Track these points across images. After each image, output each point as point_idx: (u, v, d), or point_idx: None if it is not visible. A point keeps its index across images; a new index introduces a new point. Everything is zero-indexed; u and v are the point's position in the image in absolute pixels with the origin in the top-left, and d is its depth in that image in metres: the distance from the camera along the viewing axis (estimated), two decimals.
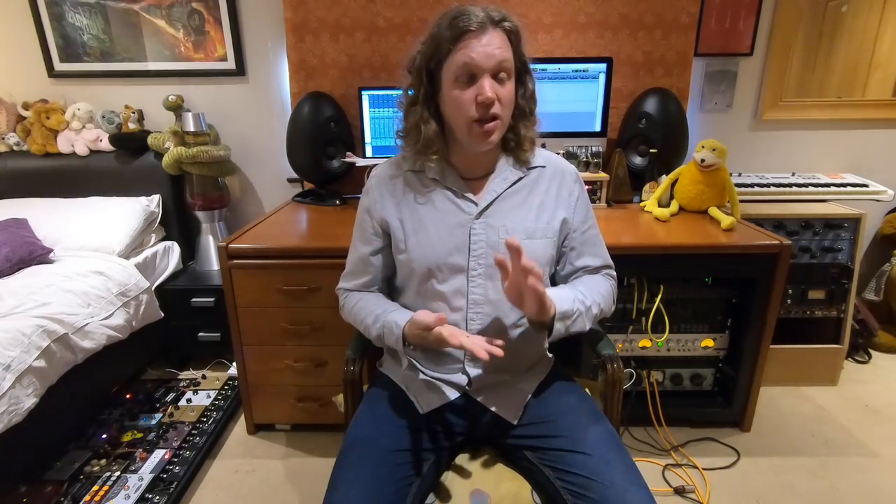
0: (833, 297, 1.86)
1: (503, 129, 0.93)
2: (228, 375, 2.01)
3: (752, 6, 1.96)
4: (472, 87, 0.87)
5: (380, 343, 1.01)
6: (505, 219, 0.97)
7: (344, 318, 1.10)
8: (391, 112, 1.88)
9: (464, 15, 0.86)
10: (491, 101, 0.86)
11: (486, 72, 0.86)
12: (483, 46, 0.85)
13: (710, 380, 1.72)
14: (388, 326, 0.95)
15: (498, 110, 0.88)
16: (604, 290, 1.02)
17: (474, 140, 0.91)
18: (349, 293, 1.09)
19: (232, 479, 1.54)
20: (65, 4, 2.03)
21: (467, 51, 0.86)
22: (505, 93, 0.89)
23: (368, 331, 1.01)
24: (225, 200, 2.12)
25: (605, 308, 1.01)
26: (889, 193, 1.91)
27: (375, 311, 1.00)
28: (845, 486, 1.48)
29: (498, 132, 0.91)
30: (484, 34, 0.86)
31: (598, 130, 1.88)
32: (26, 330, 1.38)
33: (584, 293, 0.96)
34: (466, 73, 0.87)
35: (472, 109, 0.87)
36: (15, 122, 2.11)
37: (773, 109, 2.09)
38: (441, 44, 0.88)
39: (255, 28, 2.05)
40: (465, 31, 0.85)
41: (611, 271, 1.08)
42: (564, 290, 0.95)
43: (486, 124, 0.88)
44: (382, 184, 1.02)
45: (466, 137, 0.91)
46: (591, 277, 1.04)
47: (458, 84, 0.88)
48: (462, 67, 0.86)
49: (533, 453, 0.92)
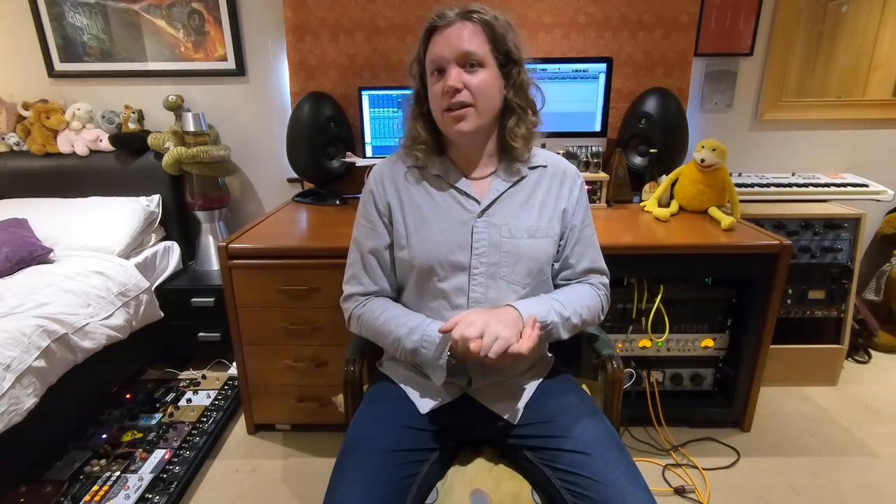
0: (833, 297, 1.86)
1: (479, 118, 0.92)
2: (228, 375, 2.01)
3: (752, 6, 1.96)
4: (443, 79, 0.91)
5: (411, 358, 0.96)
6: (507, 218, 0.97)
7: (353, 331, 1.04)
8: (391, 112, 1.88)
9: (438, 15, 0.91)
10: (452, 87, 0.88)
11: (451, 62, 0.89)
12: (446, 38, 0.89)
13: (710, 380, 1.72)
14: (430, 339, 0.92)
15: (467, 98, 0.90)
16: (588, 301, 1.00)
17: (448, 129, 0.93)
18: (367, 300, 1.02)
19: (232, 478, 1.54)
20: (65, 4, 2.03)
21: (434, 44, 0.91)
22: (475, 81, 0.90)
23: (399, 343, 0.95)
24: (225, 200, 2.12)
25: (587, 318, 0.99)
26: (889, 193, 1.91)
27: (409, 322, 0.95)
28: (845, 486, 1.48)
29: (471, 119, 0.91)
30: (450, 27, 0.90)
31: (598, 130, 1.88)
32: (26, 330, 1.38)
33: (562, 303, 0.95)
34: (436, 67, 0.91)
35: (445, 100, 0.91)
36: (15, 122, 2.11)
37: (773, 109, 2.09)
38: (421, 44, 0.94)
39: (255, 28, 2.06)
40: (434, 27, 0.91)
41: (601, 278, 1.06)
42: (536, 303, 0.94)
43: (455, 111, 0.90)
44: (385, 178, 1.02)
45: (443, 128, 0.95)
46: (578, 287, 1.03)
47: (433, 78, 0.92)
48: (431, 60, 0.91)
49: (533, 453, 0.92)
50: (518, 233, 0.97)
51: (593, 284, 1.04)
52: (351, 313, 1.03)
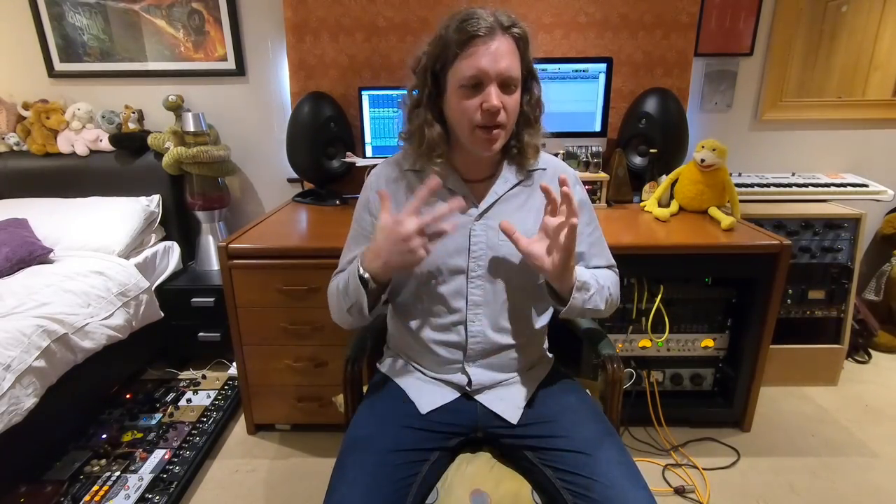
0: (833, 297, 1.86)
1: (506, 137, 0.92)
2: (228, 375, 2.01)
3: (752, 6, 1.96)
4: (478, 95, 0.86)
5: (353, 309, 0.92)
6: (505, 221, 0.97)
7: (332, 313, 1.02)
8: (391, 112, 1.88)
9: (473, 19, 0.84)
10: (496, 109, 0.85)
11: (493, 80, 0.85)
12: (491, 54, 0.84)
13: (710, 380, 1.72)
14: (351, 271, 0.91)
15: (503, 119, 0.88)
16: (612, 280, 1.03)
17: (477, 146, 0.90)
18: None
19: (232, 478, 1.54)
20: (65, 4, 2.03)
21: (475, 57, 0.84)
22: (511, 102, 0.88)
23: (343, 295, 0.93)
24: (225, 200, 2.12)
25: (614, 295, 1.02)
26: (889, 193, 1.91)
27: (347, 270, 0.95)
28: (845, 486, 1.48)
29: (501, 140, 0.91)
30: (492, 41, 0.84)
31: (598, 130, 1.88)
32: (26, 330, 1.38)
33: (596, 276, 0.97)
34: (473, 80, 0.85)
35: (477, 116, 0.87)
36: (15, 122, 2.11)
37: (773, 109, 2.09)
38: (448, 47, 0.86)
39: (255, 28, 2.05)
40: (474, 35, 0.84)
41: (615, 269, 1.09)
42: (579, 268, 0.94)
43: (490, 132, 0.88)
44: (382, 182, 1.01)
45: (469, 142, 0.91)
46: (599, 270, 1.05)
47: (465, 89, 0.87)
48: (469, 74, 0.85)
49: (533, 453, 0.92)
50: None
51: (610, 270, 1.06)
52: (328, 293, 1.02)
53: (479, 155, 0.94)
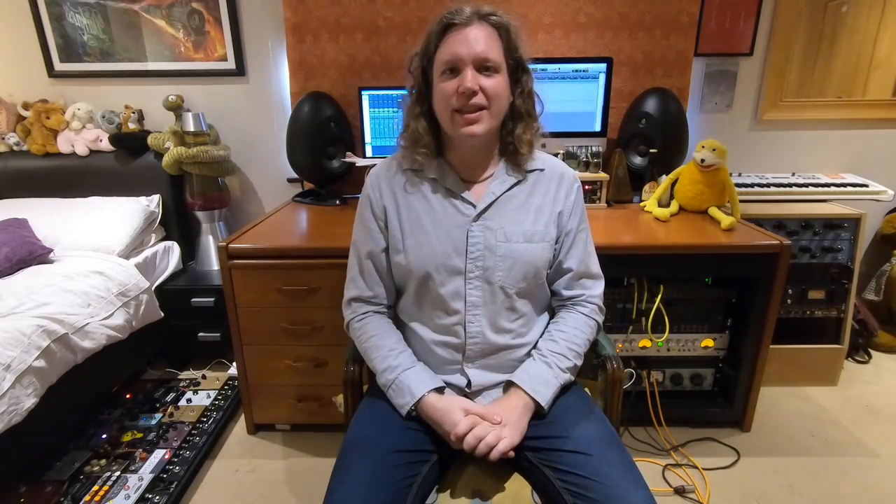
0: (833, 297, 1.86)
1: (491, 121, 0.92)
2: (228, 375, 2.01)
3: (752, 6, 1.95)
4: (455, 79, 0.89)
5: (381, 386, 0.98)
6: (503, 221, 0.97)
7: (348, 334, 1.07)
8: (391, 112, 1.88)
9: (452, 12, 0.89)
10: (470, 90, 0.87)
11: (468, 63, 0.88)
12: (466, 39, 0.88)
13: (710, 380, 1.72)
14: (400, 388, 0.94)
15: (482, 101, 0.89)
16: (579, 339, 1.00)
17: (456, 129, 0.91)
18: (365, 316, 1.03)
19: (232, 479, 1.54)
20: (65, 4, 2.03)
21: (451, 44, 0.89)
22: (491, 84, 0.89)
23: (376, 371, 0.98)
24: (225, 200, 2.12)
25: (584, 351, 1.01)
26: (889, 193, 1.91)
27: (390, 359, 0.97)
28: (845, 486, 1.48)
29: (484, 123, 0.91)
30: (468, 27, 0.88)
31: (598, 130, 1.88)
32: (26, 330, 1.38)
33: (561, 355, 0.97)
34: (450, 65, 0.89)
35: (454, 100, 0.89)
36: (15, 122, 2.11)
37: (773, 109, 2.09)
38: (430, 40, 0.91)
39: (255, 28, 2.05)
40: (450, 24, 0.89)
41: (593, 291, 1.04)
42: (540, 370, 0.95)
43: (468, 115, 0.89)
44: (382, 181, 1.02)
45: (450, 129, 0.93)
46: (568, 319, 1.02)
47: (444, 77, 0.90)
48: (445, 59, 0.89)
49: (533, 453, 0.92)
50: (514, 236, 0.96)
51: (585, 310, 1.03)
52: (348, 323, 1.06)
53: (465, 143, 0.95)
